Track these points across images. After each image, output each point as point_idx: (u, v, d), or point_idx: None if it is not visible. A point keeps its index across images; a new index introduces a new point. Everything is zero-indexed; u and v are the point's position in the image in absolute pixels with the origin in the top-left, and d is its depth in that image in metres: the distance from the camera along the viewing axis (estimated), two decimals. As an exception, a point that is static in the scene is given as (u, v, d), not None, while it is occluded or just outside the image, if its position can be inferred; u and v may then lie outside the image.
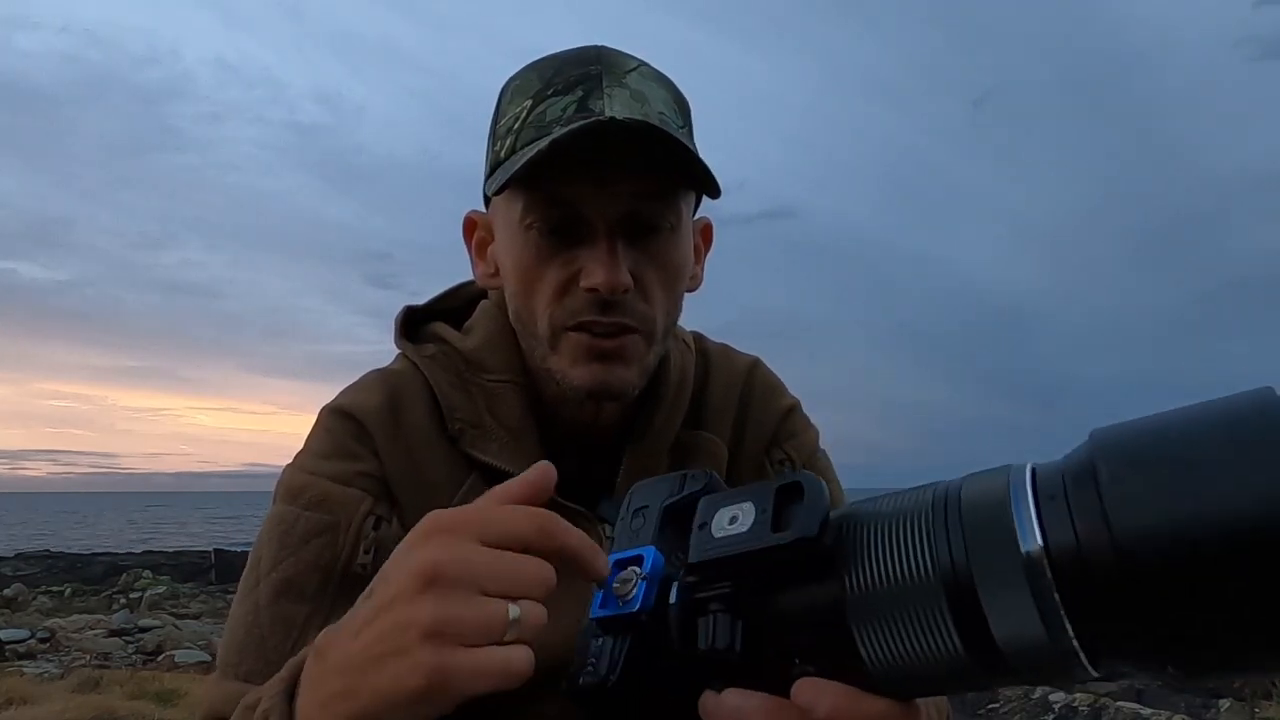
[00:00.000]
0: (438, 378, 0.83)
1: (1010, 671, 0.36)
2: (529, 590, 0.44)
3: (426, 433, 0.81)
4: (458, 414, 0.82)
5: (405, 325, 0.89)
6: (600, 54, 0.76)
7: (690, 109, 0.81)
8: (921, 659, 0.37)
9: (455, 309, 0.91)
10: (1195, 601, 0.31)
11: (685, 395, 0.88)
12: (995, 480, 0.37)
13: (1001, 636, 0.35)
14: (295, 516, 0.76)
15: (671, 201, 0.76)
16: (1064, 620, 0.34)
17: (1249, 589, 0.30)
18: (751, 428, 0.91)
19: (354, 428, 0.81)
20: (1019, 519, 0.35)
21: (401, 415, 0.82)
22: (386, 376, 0.85)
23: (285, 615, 0.72)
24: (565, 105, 0.73)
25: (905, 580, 0.37)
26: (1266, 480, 0.30)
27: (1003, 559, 0.35)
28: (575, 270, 0.74)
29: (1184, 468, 0.32)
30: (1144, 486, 0.32)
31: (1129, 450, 0.34)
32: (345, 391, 0.85)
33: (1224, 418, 0.33)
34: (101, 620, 9.95)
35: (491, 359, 0.83)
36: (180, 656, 8.30)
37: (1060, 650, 0.35)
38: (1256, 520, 0.30)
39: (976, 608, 0.35)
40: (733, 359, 0.95)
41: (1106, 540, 0.32)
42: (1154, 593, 0.32)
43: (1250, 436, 0.31)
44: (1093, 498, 0.33)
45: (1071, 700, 5.05)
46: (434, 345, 0.86)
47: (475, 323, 0.87)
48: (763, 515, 0.42)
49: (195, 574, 17.02)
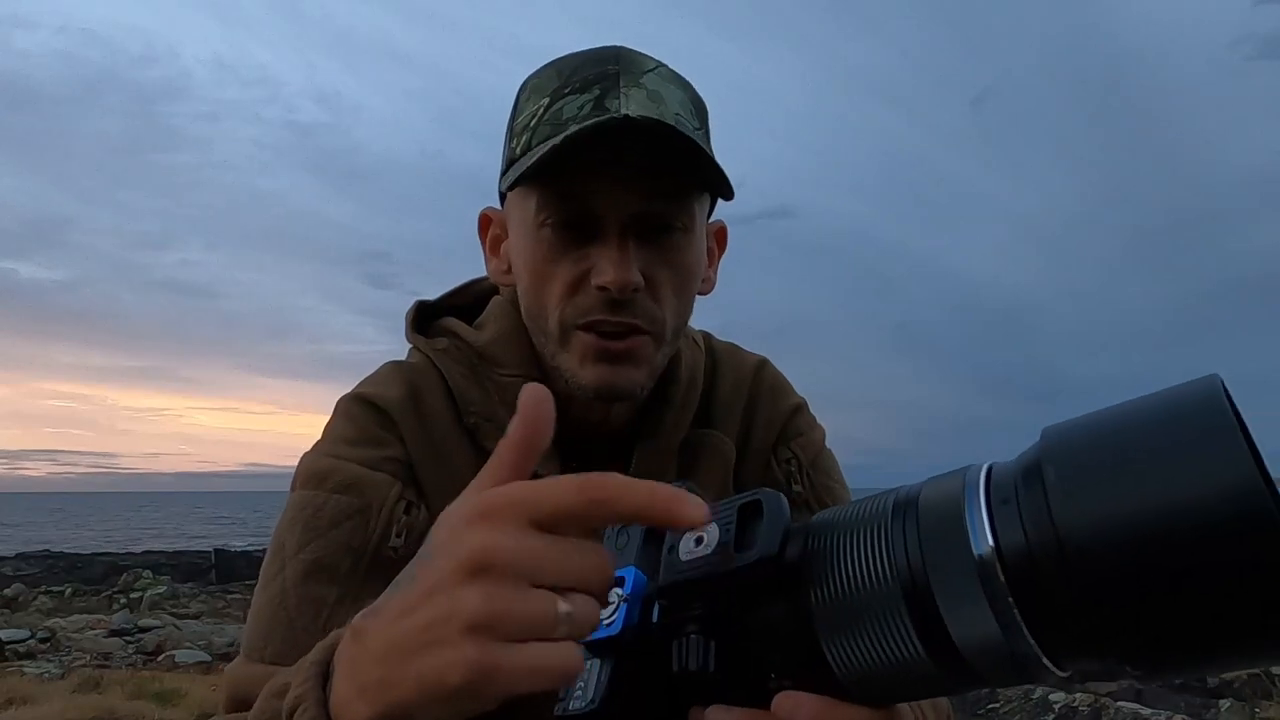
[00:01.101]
0: (451, 371, 0.83)
1: (974, 675, 0.36)
2: (583, 582, 0.41)
3: (447, 424, 0.82)
4: (473, 407, 0.82)
5: (417, 320, 0.89)
6: (619, 54, 0.76)
7: (707, 112, 0.81)
8: (888, 666, 0.37)
9: (466, 305, 0.91)
10: (1143, 598, 0.31)
11: (695, 394, 0.89)
12: (952, 483, 0.37)
13: (961, 641, 0.35)
14: (323, 500, 0.75)
15: (685, 202, 0.76)
16: (1019, 623, 0.34)
17: (1195, 583, 0.30)
18: (759, 426, 0.92)
19: (378, 415, 0.81)
20: (971, 522, 0.35)
21: (422, 406, 0.82)
22: (404, 369, 0.86)
23: (315, 596, 0.71)
24: (582, 103, 0.73)
25: (867, 588, 0.37)
26: (1205, 474, 0.30)
27: (957, 563, 0.35)
28: (586, 268, 0.74)
29: (1126, 465, 0.32)
30: (1087, 486, 0.32)
31: (1074, 449, 0.34)
32: (365, 382, 0.85)
33: (1166, 412, 0.32)
34: (101, 620, 9.95)
35: (505, 354, 0.83)
36: (180, 656, 8.30)
37: (1019, 653, 0.34)
38: (1196, 515, 0.29)
39: (935, 613, 0.35)
40: (741, 358, 0.96)
41: (1054, 541, 0.32)
42: (1102, 592, 0.31)
43: (1190, 430, 0.31)
44: (1040, 498, 0.33)
45: (1071, 700, 5.05)
46: (446, 339, 0.86)
47: (488, 318, 0.87)
48: (726, 536, 0.42)
49: (195, 574, 17.00)
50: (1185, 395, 0.32)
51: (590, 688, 0.44)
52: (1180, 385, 0.33)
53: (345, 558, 0.73)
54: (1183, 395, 0.33)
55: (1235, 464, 0.29)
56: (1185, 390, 0.33)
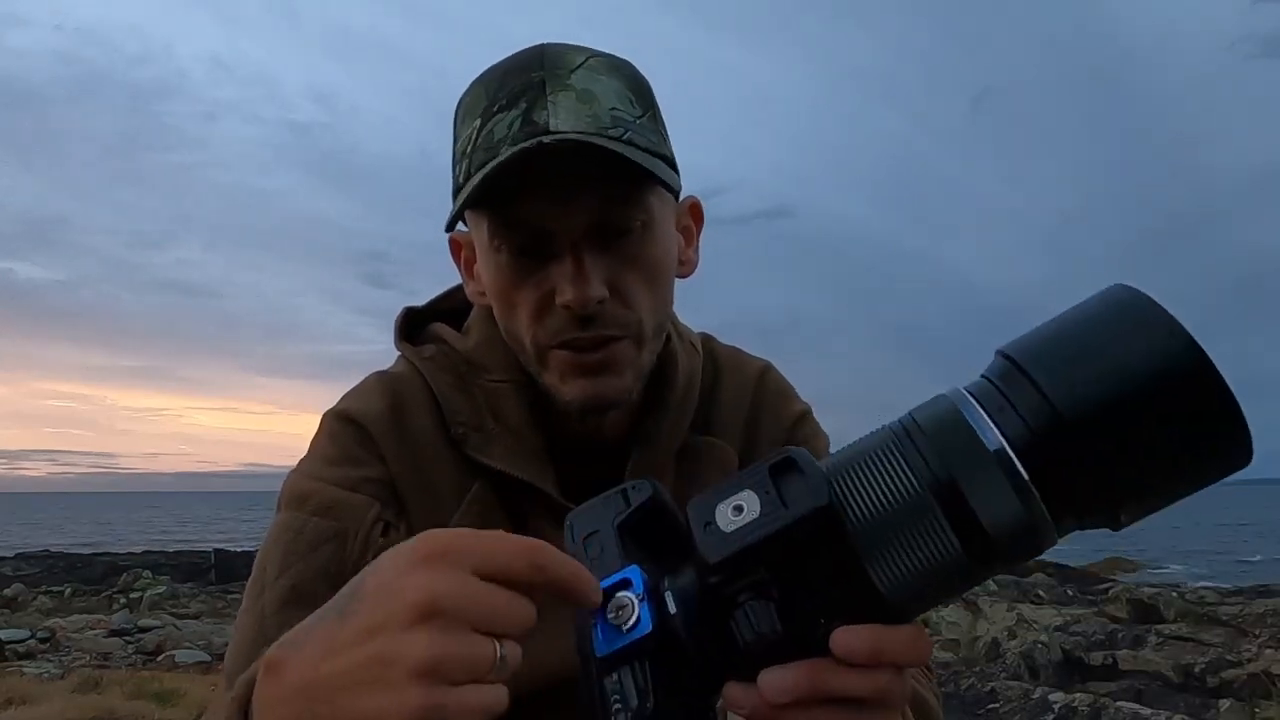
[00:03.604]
0: (438, 380, 0.82)
1: (998, 556, 0.42)
2: (513, 629, 0.43)
3: (430, 437, 0.81)
4: (459, 417, 0.81)
5: (405, 327, 0.88)
6: (543, 55, 0.73)
7: (650, 90, 0.78)
8: (929, 568, 0.42)
9: (455, 309, 0.90)
10: (1130, 443, 0.39)
11: (692, 399, 0.87)
12: (941, 404, 0.44)
13: (989, 523, 0.41)
14: (302, 523, 0.75)
15: (636, 201, 0.73)
16: (1033, 493, 0.40)
17: (1168, 421, 0.39)
18: (763, 433, 0.90)
19: (358, 433, 0.80)
20: (977, 424, 0.42)
21: (405, 420, 0.81)
22: (388, 380, 0.84)
23: (292, 623, 0.71)
24: (510, 121, 0.71)
25: (901, 505, 0.42)
26: (1154, 340, 0.39)
27: (977, 459, 0.41)
28: (549, 288, 0.73)
29: (1092, 346, 0.40)
30: (1069, 370, 0.40)
31: (1042, 346, 0.42)
32: (347, 396, 0.84)
33: (1103, 308, 0.42)
34: (101, 620, 9.96)
35: (490, 359, 0.82)
36: (180, 656, 8.30)
37: (1034, 521, 0.41)
38: (1157, 370, 0.39)
39: (966, 507, 0.41)
40: (744, 363, 0.94)
41: (1054, 420, 0.40)
42: (1099, 447, 0.39)
43: (1128, 314, 0.40)
44: (1028, 387, 0.41)
45: (1071, 700, 5.04)
46: (433, 346, 0.85)
47: (473, 323, 0.87)
48: (768, 497, 0.43)
49: (195, 574, 17.01)
50: (1111, 297, 0.42)
51: (632, 697, 0.43)
52: (1097, 294, 0.42)
53: (322, 583, 0.72)
54: (1110, 297, 0.42)
55: (1173, 330, 0.39)
56: (1108, 296, 0.42)
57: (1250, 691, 5.40)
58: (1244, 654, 5.89)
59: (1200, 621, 7.09)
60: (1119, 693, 5.48)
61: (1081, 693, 5.28)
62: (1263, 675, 5.45)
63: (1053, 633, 7.06)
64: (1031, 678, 6.32)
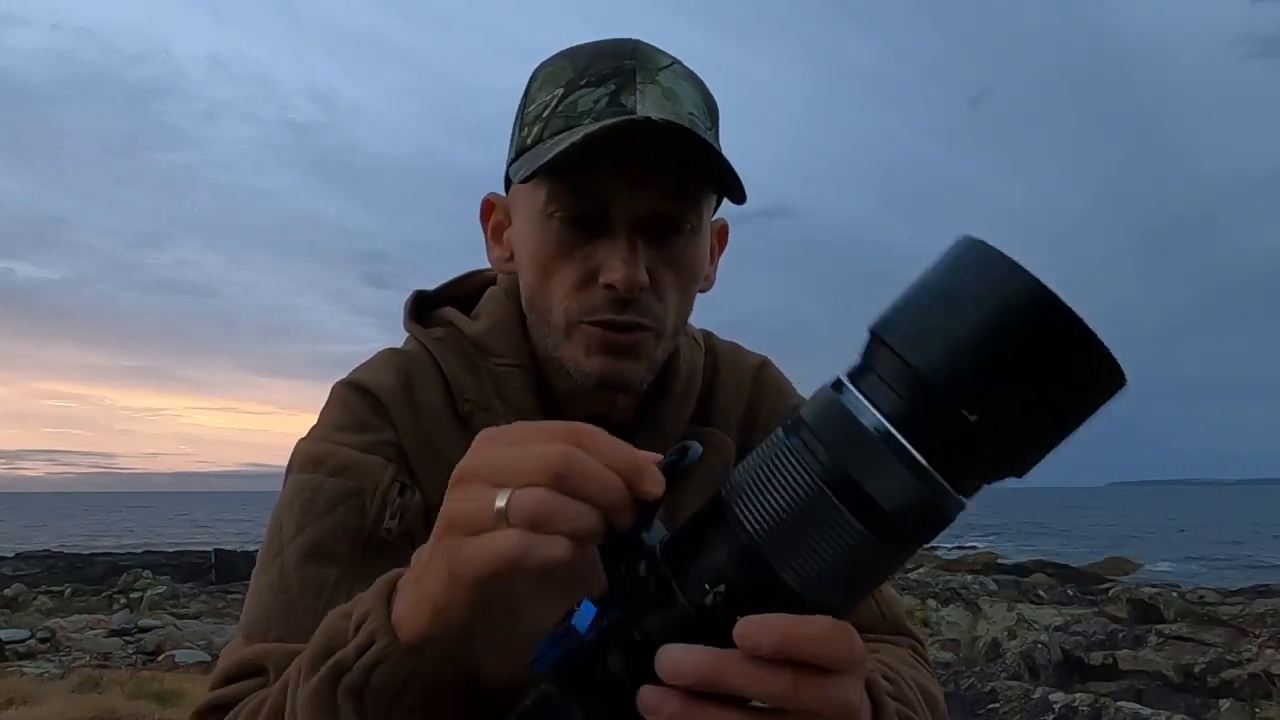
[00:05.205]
0: (447, 359, 0.83)
1: (910, 535, 0.41)
2: (525, 478, 0.44)
3: (440, 413, 0.82)
4: (467, 395, 0.82)
5: (415, 309, 0.89)
6: (635, 48, 0.76)
7: (718, 111, 0.81)
8: (839, 556, 0.41)
9: (464, 296, 0.91)
10: (995, 388, 0.38)
11: (694, 391, 0.89)
12: (822, 395, 0.43)
13: (889, 505, 0.40)
14: (319, 484, 0.75)
15: (695, 204, 0.76)
16: (923, 464, 0.40)
17: (1026, 359, 0.38)
18: (760, 426, 0.91)
19: (371, 402, 0.81)
20: (854, 408, 0.41)
21: (415, 394, 0.82)
22: (399, 356, 0.86)
23: (315, 577, 0.72)
24: (597, 98, 0.73)
25: (798, 500, 0.41)
26: (999, 283, 0.38)
27: (859, 442, 0.40)
28: (594, 265, 0.74)
29: (943, 304, 0.40)
30: (923, 327, 0.40)
31: (896, 313, 0.41)
32: (359, 369, 0.85)
33: (945, 262, 0.41)
34: (101, 620, 9.96)
35: (498, 343, 0.83)
36: (180, 656, 8.31)
37: (935, 494, 0.40)
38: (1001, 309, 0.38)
39: (863, 493, 0.40)
40: (742, 357, 0.95)
41: (915, 379, 0.39)
42: (967, 398, 0.38)
43: (971, 263, 0.40)
44: (891, 358, 0.40)
45: (1071, 700, 5.04)
46: (442, 329, 0.87)
47: (483, 308, 0.88)
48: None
49: (195, 574, 17.02)
50: (950, 252, 0.41)
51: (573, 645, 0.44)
52: (944, 251, 0.41)
53: (343, 539, 0.73)
54: (948, 253, 0.41)
55: (1011, 268, 0.38)
56: (949, 250, 0.41)
57: (1250, 691, 5.40)
58: (1244, 654, 5.90)
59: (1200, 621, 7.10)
60: (1119, 693, 5.49)
61: (1082, 693, 5.28)
62: (1263, 675, 5.45)
63: (1053, 633, 7.07)
64: (1032, 678, 6.32)
